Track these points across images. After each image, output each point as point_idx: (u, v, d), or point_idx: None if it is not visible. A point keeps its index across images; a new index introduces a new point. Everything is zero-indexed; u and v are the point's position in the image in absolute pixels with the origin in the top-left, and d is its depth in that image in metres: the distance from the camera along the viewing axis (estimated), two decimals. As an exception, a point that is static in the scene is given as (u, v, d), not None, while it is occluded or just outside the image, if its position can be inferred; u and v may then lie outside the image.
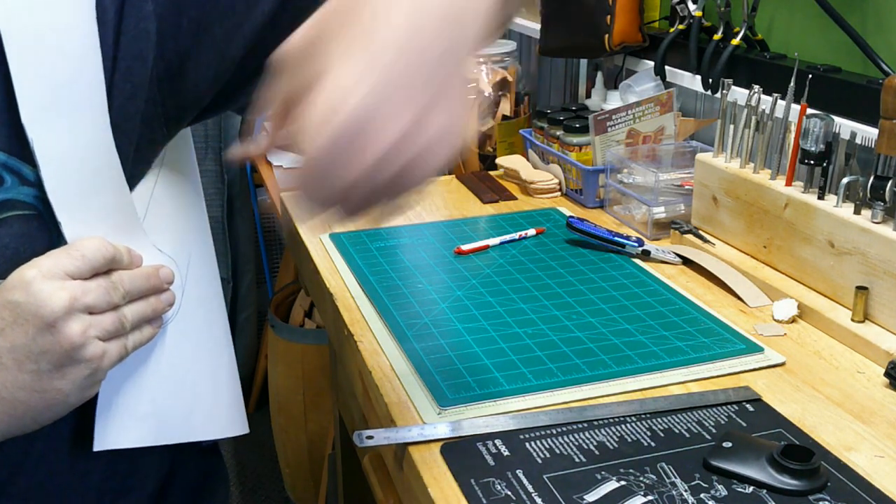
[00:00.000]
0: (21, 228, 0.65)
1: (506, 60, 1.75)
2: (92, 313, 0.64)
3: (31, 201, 0.66)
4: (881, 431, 0.78)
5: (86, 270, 0.64)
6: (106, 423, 0.72)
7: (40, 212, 0.66)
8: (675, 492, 0.69)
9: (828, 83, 1.08)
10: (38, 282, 0.62)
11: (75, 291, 0.63)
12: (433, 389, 0.83)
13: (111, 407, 0.72)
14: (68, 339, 0.63)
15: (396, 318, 0.98)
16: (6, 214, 0.65)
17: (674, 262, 1.13)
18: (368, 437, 0.76)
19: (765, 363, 0.88)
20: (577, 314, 0.99)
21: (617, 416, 0.79)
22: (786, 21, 1.23)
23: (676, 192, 1.24)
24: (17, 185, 0.65)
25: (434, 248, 1.19)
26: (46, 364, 0.63)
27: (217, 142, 2.38)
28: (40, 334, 0.62)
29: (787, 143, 1.03)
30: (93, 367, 0.64)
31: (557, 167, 1.40)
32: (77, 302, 0.63)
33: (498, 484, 0.70)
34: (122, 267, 0.68)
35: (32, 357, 0.62)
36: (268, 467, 2.40)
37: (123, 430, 0.73)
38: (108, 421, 0.72)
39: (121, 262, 0.68)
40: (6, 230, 0.65)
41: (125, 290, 0.67)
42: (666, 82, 1.41)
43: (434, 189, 1.45)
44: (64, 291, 0.63)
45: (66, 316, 0.62)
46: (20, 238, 0.65)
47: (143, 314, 0.69)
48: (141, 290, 0.69)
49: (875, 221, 0.92)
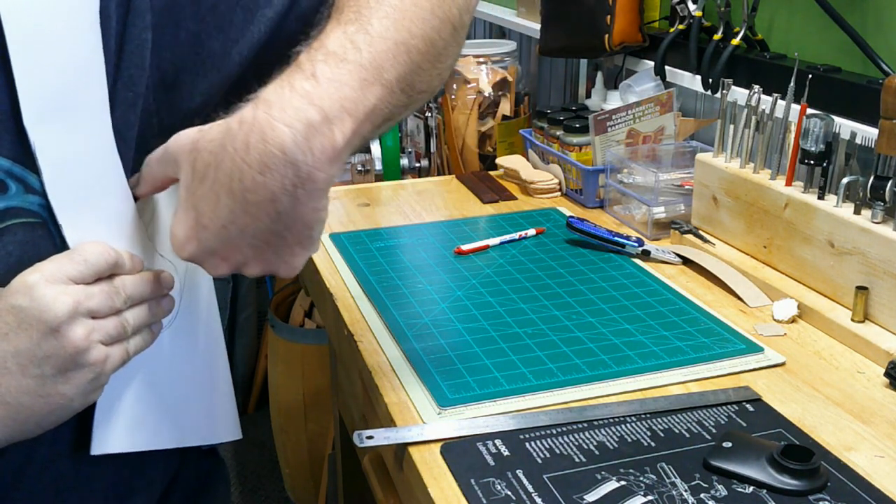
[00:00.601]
0: (25, 236, 0.65)
1: (506, 60, 1.75)
2: (95, 318, 0.64)
3: (36, 209, 0.65)
4: (881, 431, 0.78)
5: (88, 275, 0.64)
6: (103, 428, 0.72)
7: (45, 220, 0.66)
8: (675, 492, 0.69)
9: (828, 83, 1.08)
10: (42, 286, 0.62)
11: (78, 296, 0.63)
12: (433, 389, 0.83)
13: (108, 412, 0.72)
14: (72, 344, 0.62)
15: (396, 318, 0.98)
16: (10, 222, 0.65)
17: (674, 262, 1.13)
18: (368, 437, 0.76)
19: (765, 363, 0.88)
20: (577, 314, 0.99)
21: (617, 416, 0.79)
22: (786, 21, 1.23)
23: (676, 192, 1.24)
24: (21, 193, 0.65)
25: (434, 248, 1.19)
26: (50, 369, 0.63)
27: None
28: (44, 339, 0.62)
29: (787, 143, 1.03)
30: (96, 371, 0.64)
31: (557, 167, 1.40)
32: (80, 306, 0.63)
33: (498, 484, 0.70)
34: (124, 272, 0.68)
35: (36, 362, 0.62)
36: (268, 467, 2.40)
37: (120, 434, 0.73)
38: (106, 426, 0.72)
39: (123, 267, 0.68)
40: (10, 238, 0.65)
41: (127, 295, 0.67)
42: (666, 82, 1.41)
43: (434, 189, 1.45)
44: (67, 296, 0.62)
45: (69, 320, 0.62)
46: (24, 246, 0.65)
47: (144, 319, 0.69)
48: (142, 294, 0.69)
49: (875, 221, 0.92)
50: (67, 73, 0.65)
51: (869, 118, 1.01)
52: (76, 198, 0.67)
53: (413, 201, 1.39)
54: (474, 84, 1.70)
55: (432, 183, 1.49)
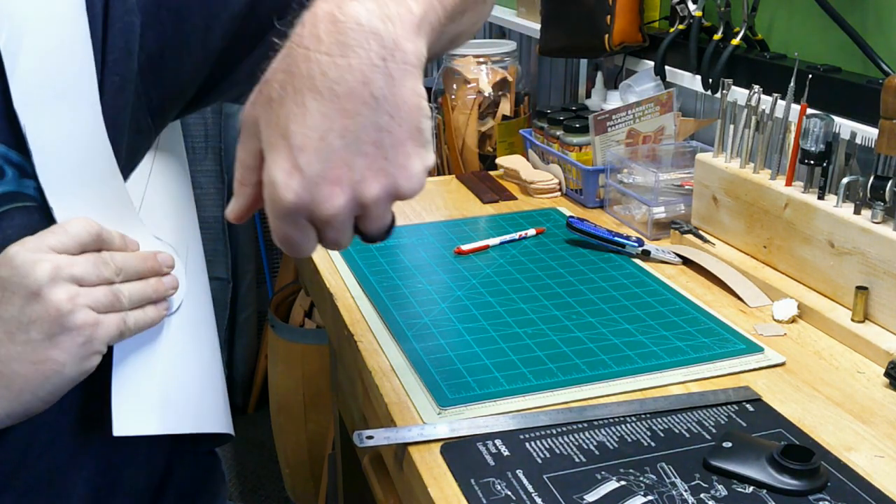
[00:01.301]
0: (23, 220, 0.66)
1: (506, 60, 1.75)
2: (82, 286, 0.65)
3: (32, 193, 0.67)
4: (881, 431, 0.78)
5: (71, 245, 0.65)
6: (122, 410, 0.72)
7: (41, 204, 0.67)
8: (675, 492, 0.69)
9: (828, 83, 1.08)
10: (22, 255, 0.63)
11: (59, 261, 0.64)
12: (433, 389, 0.83)
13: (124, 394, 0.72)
14: (54, 306, 0.63)
15: (396, 318, 0.98)
16: (8, 207, 0.66)
17: (674, 262, 1.13)
18: (368, 437, 0.76)
19: (765, 363, 0.88)
20: (577, 314, 0.99)
21: (617, 416, 0.79)
22: (786, 21, 1.23)
23: (676, 192, 1.24)
24: (17, 178, 0.66)
25: (434, 248, 1.19)
26: (37, 334, 0.63)
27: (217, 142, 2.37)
28: (27, 304, 0.63)
29: (787, 143, 1.03)
30: (85, 335, 0.64)
31: (557, 167, 1.40)
32: (61, 271, 0.64)
33: (498, 484, 0.70)
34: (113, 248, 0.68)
35: (23, 327, 0.63)
36: (268, 467, 2.40)
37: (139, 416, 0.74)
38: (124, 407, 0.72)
39: (112, 244, 0.68)
40: (8, 222, 0.66)
41: (117, 266, 0.68)
42: (666, 82, 1.41)
43: (434, 189, 1.45)
44: (47, 262, 0.64)
45: (50, 283, 0.63)
46: (22, 230, 0.66)
47: (144, 294, 0.70)
48: (138, 269, 0.69)
49: (875, 221, 0.92)
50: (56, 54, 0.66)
51: (869, 118, 1.01)
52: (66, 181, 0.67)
53: (413, 201, 1.39)
54: (474, 84, 1.70)
55: (432, 183, 1.49)
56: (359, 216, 0.56)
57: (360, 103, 0.53)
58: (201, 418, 0.82)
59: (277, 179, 0.54)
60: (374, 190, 0.54)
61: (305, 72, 0.53)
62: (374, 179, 0.54)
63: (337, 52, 0.53)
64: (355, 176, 0.54)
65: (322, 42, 0.53)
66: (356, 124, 0.53)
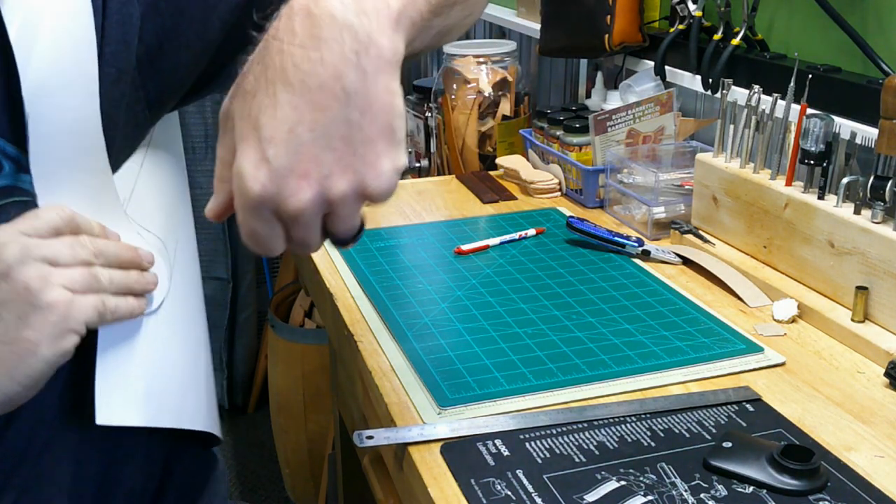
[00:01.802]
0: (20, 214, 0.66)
1: (506, 60, 1.75)
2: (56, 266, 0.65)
3: (28, 188, 0.67)
4: (881, 431, 0.78)
5: (42, 229, 0.65)
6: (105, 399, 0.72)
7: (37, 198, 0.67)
8: (675, 492, 0.69)
9: (828, 83, 1.08)
10: None
11: (28, 243, 0.64)
12: (433, 389, 0.83)
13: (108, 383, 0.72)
14: (22, 284, 0.63)
15: (396, 318, 0.98)
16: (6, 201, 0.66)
17: (674, 262, 1.13)
18: (368, 437, 0.76)
19: (765, 363, 0.88)
20: (577, 314, 0.99)
21: (617, 416, 0.79)
22: (786, 21, 1.23)
23: (676, 192, 1.24)
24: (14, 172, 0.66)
25: (434, 248, 1.19)
26: (8, 314, 0.63)
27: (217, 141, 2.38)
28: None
29: (787, 143, 1.03)
30: (58, 313, 0.64)
31: (557, 167, 1.40)
32: (31, 252, 0.63)
33: (498, 484, 0.70)
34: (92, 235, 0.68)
35: None
36: (268, 467, 2.40)
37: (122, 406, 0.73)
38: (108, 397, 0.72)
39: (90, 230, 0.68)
40: (6, 217, 0.66)
41: (96, 249, 0.67)
42: (666, 82, 1.41)
43: (434, 189, 1.45)
44: (15, 243, 0.63)
45: (18, 263, 0.63)
46: None
47: (124, 283, 0.69)
48: (117, 256, 0.69)
49: (875, 221, 0.92)
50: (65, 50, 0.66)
51: (869, 118, 1.01)
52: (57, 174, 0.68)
53: (413, 201, 1.39)
54: (474, 84, 1.70)
55: (432, 183, 1.49)
56: (327, 216, 0.56)
57: (331, 97, 0.52)
58: (183, 414, 0.81)
59: (245, 171, 0.53)
60: (341, 186, 0.54)
61: (279, 64, 0.53)
62: (342, 176, 0.54)
63: (310, 46, 0.52)
64: (323, 171, 0.53)
65: (296, 35, 0.53)
66: (326, 118, 0.53)
